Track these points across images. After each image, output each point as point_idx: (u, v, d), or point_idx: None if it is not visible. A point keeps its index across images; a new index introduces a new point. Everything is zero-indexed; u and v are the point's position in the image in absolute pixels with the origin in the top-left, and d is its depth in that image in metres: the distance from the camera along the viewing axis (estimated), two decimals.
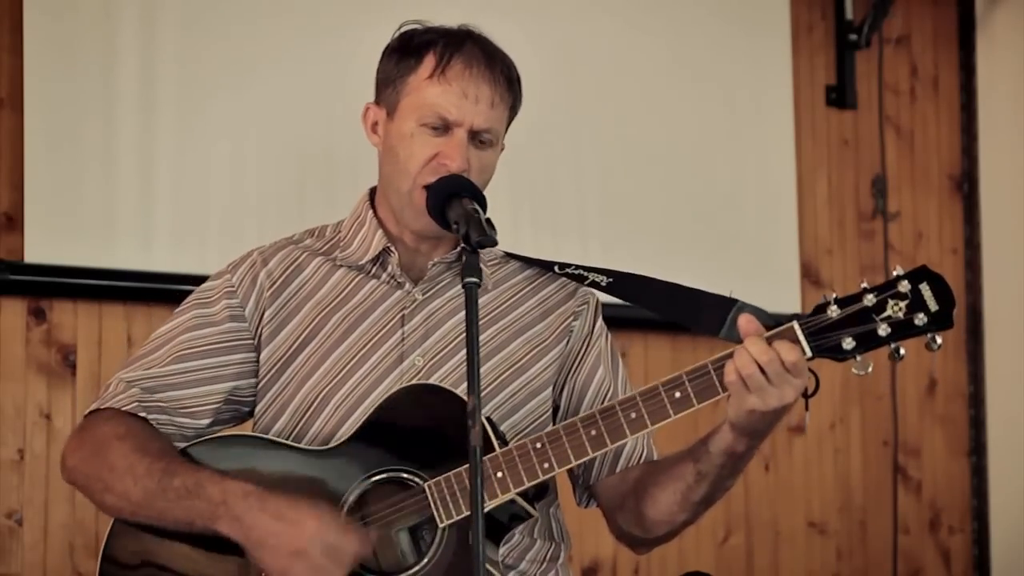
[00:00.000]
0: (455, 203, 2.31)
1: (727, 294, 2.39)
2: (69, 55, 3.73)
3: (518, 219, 4.13)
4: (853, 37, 4.76)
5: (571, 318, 2.54)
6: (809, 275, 4.67)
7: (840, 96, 4.77)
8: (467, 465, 2.22)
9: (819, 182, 4.74)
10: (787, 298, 4.58)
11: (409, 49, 2.44)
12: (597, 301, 2.59)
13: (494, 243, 2.27)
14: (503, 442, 2.33)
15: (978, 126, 4.94)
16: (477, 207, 2.30)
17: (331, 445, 2.38)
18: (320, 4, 4.03)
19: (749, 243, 4.53)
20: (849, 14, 4.77)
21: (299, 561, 2.23)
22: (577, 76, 4.32)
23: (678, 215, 4.45)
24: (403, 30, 2.49)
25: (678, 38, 4.50)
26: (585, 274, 2.51)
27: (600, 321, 2.59)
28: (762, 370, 2.21)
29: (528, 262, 2.58)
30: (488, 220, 2.33)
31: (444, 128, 2.40)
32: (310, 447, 2.40)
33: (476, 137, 2.42)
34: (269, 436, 2.44)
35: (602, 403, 2.50)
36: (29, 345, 3.71)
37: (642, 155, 4.41)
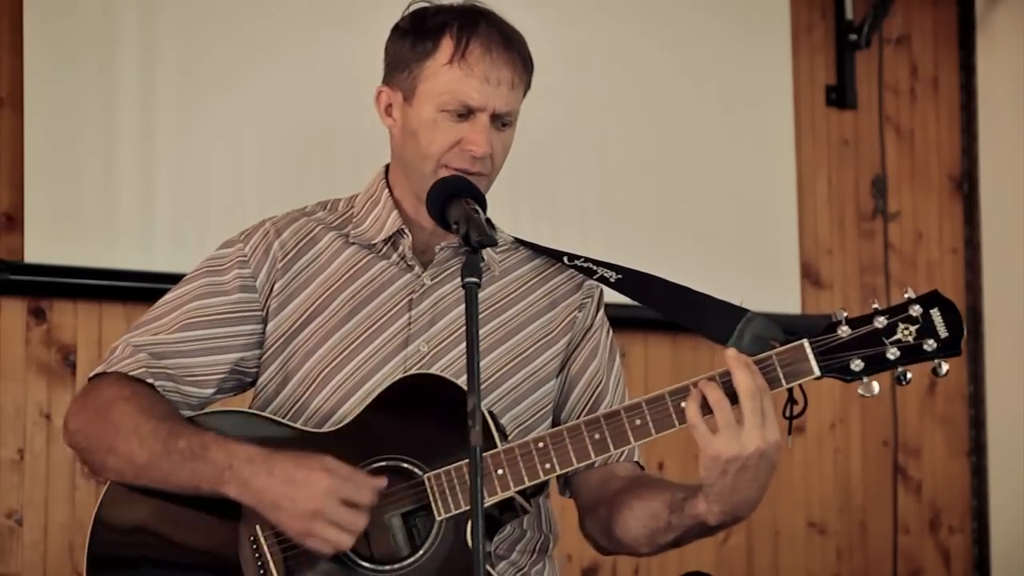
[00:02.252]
0: (455, 203, 2.30)
1: (738, 303, 2.37)
2: (69, 55, 3.73)
3: (518, 224, 4.13)
4: (853, 37, 4.76)
5: (576, 310, 2.53)
6: (809, 275, 4.67)
7: (840, 96, 4.77)
8: (468, 460, 2.24)
9: (819, 182, 4.74)
10: (787, 298, 4.58)
11: (424, 31, 2.41)
12: (601, 294, 2.58)
13: (494, 243, 2.27)
14: (504, 437, 2.33)
15: (978, 126, 4.94)
16: (477, 207, 2.30)
17: (334, 427, 2.38)
18: (320, 4, 4.02)
19: (749, 243, 4.53)
20: (849, 14, 4.77)
21: (317, 521, 2.22)
22: (577, 77, 4.32)
23: (678, 214, 4.45)
24: (413, 9, 2.46)
25: (678, 38, 4.50)
26: (595, 268, 2.50)
27: (601, 314, 2.58)
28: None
29: (538, 251, 2.57)
30: (488, 220, 2.33)
31: (467, 113, 2.39)
32: (311, 429, 2.39)
33: (497, 120, 2.41)
34: (270, 415, 2.43)
35: (592, 395, 2.52)
36: (29, 345, 3.71)
37: (642, 155, 4.41)
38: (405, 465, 2.31)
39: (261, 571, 2.30)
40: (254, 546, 2.31)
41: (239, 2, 3.93)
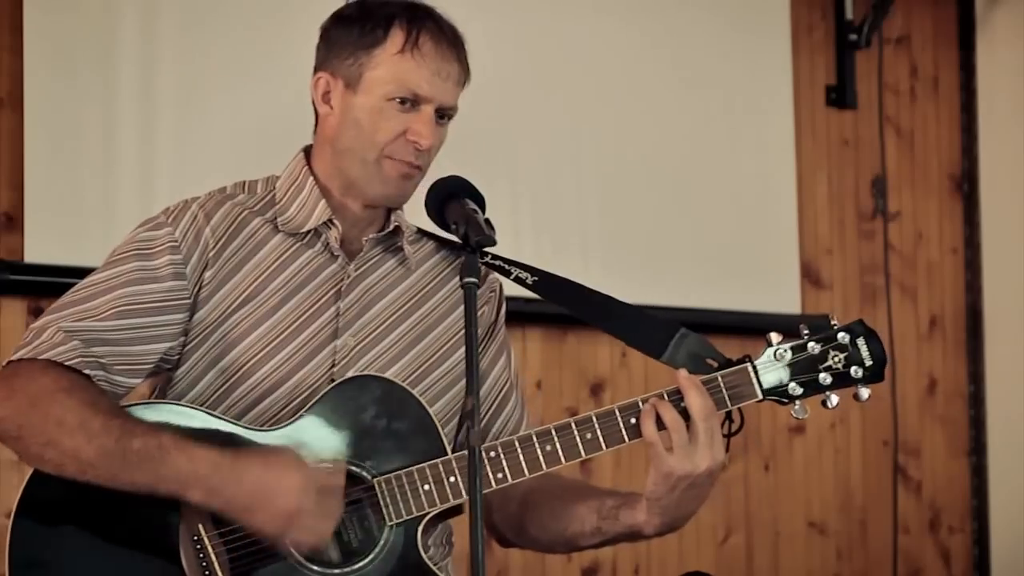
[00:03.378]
0: (454, 204, 2.30)
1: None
2: (69, 55, 3.73)
3: (519, 222, 4.13)
4: (853, 37, 4.76)
5: (484, 304, 2.53)
6: (809, 275, 4.67)
7: (840, 96, 4.77)
8: (419, 465, 2.29)
9: (819, 182, 4.74)
10: (787, 298, 4.58)
11: (372, 20, 2.41)
12: (502, 288, 2.58)
13: (493, 243, 2.26)
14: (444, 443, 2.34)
15: (978, 126, 4.94)
16: (476, 207, 2.29)
17: (277, 428, 2.34)
18: (320, 4, 4.02)
19: (749, 243, 4.53)
20: (849, 14, 4.77)
21: (296, 520, 2.21)
22: (577, 78, 4.32)
23: (678, 216, 4.45)
24: None
25: (678, 39, 4.50)
26: (509, 268, 2.47)
27: (504, 311, 2.57)
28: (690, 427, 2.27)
29: (443, 242, 2.54)
30: (487, 220, 2.33)
31: (412, 104, 2.38)
32: (257, 427, 2.34)
33: (440, 113, 2.41)
34: (205, 409, 2.35)
35: (500, 391, 2.54)
36: None
37: (642, 156, 4.41)
38: (353, 469, 2.30)
39: (206, 572, 2.26)
40: (197, 546, 2.27)
41: (239, 2, 3.93)
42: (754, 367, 2.34)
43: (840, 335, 2.36)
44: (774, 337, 2.35)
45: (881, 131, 4.83)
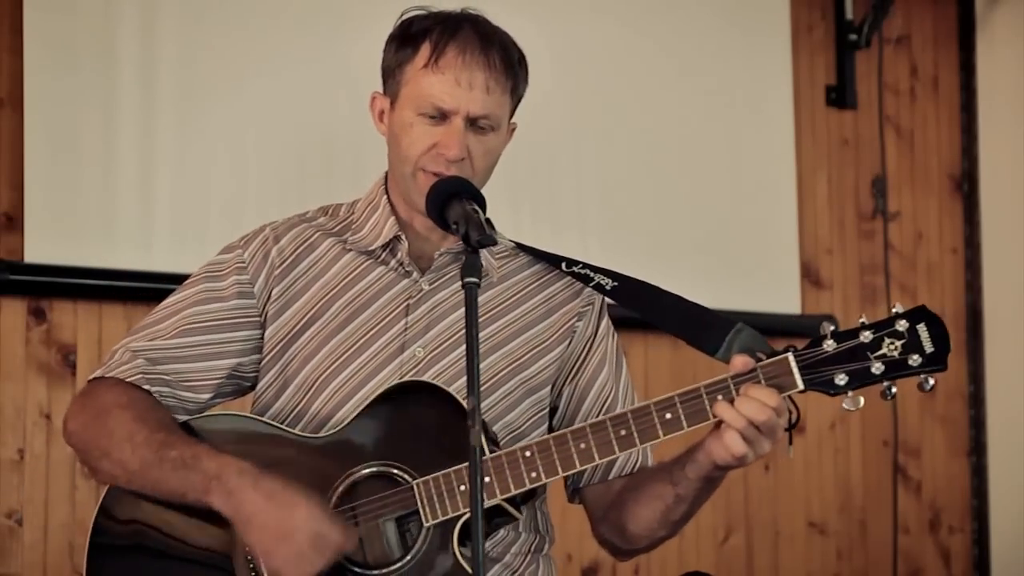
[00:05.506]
0: (454, 204, 2.30)
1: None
2: (69, 55, 3.73)
3: (519, 221, 4.13)
4: (853, 37, 4.76)
5: (575, 318, 2.53)
6: (809, 275, 4.67)
7: (840, 96, 4.77)
8: (457, 467, 2.28)
9: (819, 182, 4.74)
10: (787, 298, 4.58)
11: (407, 38, 2.45)
12: (603, 300, 2.58)
13: (494, 242, 2.27)
14: (495, 445, 2.34)
15: (978, 126, 4.95)
16: (476, 207, 2.30)
17: (326, 433, 2.39)
18: (320, 4, 4.03)
19: (749, 243, 4.54)
20: (849, 14, 4.77)
21: (283, 545, 2.24)
22: (577, 76, 4.32)
23: (678, 215, 4.45)
24: (404, 17, 2.49)
25: (678, 38, 4.50)
26: (591, 275, 2.50)
27: (605, 321, 2.58)
28: (758, 426, 2.25)
29: (538, 256, 2.57)
30: (488, 220, 2.33)
31: (441, 117, 2.40)
32: (304, 434, 2.41)
33: (475, 123, 2.41)
34: (266, 419, 2.45)
35: (602, 408, 2.52)
36: (29, 345, 3.71)
37: (642, 155, 4.41)
38: (395, 472, 2.33)
39: None
40: (248, 557, 2.32)
41: (239, 2, 3.93)
42: (796, 357, 2.26)
43: (899, 322, 2.25)
44: (825, 326, 2.27)
45: (881, 131, 4.84)
